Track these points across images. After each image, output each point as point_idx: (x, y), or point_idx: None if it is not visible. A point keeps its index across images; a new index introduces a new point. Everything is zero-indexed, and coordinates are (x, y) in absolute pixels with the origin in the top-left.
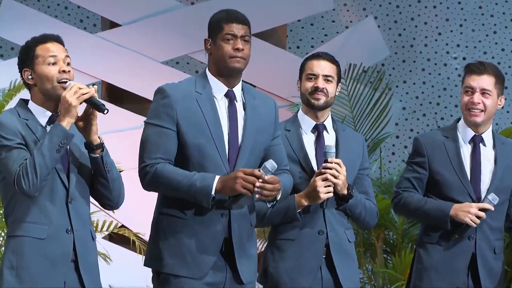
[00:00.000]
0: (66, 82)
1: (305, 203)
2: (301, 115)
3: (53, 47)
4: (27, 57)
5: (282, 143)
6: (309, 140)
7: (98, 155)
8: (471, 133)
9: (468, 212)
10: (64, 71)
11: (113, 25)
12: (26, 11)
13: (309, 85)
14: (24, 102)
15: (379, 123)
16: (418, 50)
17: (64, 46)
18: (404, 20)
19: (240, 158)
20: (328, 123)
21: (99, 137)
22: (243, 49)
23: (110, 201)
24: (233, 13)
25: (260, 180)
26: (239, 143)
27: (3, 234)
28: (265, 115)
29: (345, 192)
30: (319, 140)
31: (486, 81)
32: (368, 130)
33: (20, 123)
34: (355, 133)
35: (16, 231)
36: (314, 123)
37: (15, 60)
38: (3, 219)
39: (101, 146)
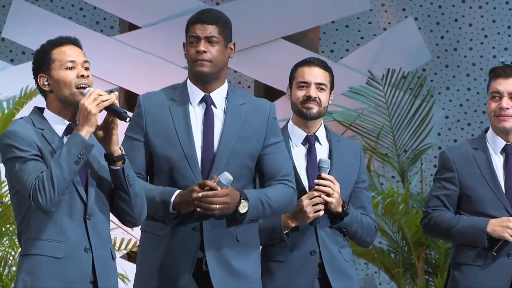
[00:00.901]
0: (85, 88)
1: (292, 224)
2: (291, 126)
3: (70, 51)
4: (42, 61)
5: (284, 151)
6: (299, 153)
7: (119, 168)
8: (502, 142)
9: (507, 227)
10: (82, 76)
11: (132, 27)
12: (38, 12)
13: (300, 93)
14: (39, 110)
15: (420, 133)
16: (462, 54)
17: (82, 50)
18: (447, 21)
19: (214, 168)
20: (321, 133)
21: (120, 148)
22: (206, 51)
23: (132, 217)
24: (200, 13)
25: (200, 194)
26: (214, 152)
27: (13, 253)
28: (254, 121)
29: (340, 210)
30: (310, 153)
31: None
32: (408, 140)
33: (35, 133)
34: (351, 143)
35: (30, 249)
36: (305, 134)
37: (26, 65)
38: (14, 237)
39: (122, 157)
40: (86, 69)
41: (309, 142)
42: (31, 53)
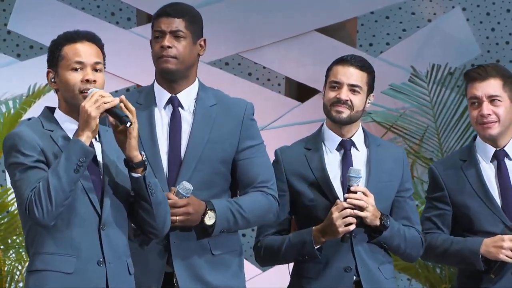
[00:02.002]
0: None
1: (323, 238)
2: (325, 130)
3: (82, 49)
4: (53, 56)
5: (264, 155)
6: (333, 160)
7: (139, 175)
8: (491, 149)
9: (500, 247)
10: (87, 81)
11: (150, 19)
12: (47, 2)
13: (331, 95)
14: (49, 110)
15: (469, 136)
16: None
17: (100, 47)
18: (498, 12)
19: (182, 175)
20: (358, 138)
21: (141, 154)
22: (171, 47)
23: (154, 228)
24: (166, 5)
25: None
26: (181, 157)
27: (20, 267)
28: (226, 123)
29: (377, 223)
30: (345, 160)
31: (492, 86)
32: (455, 143)
33: (42, 135)
34: (393, 147)
35: (37, 264)
36: (340, 139)
37: (34, 61)
38: (21, 250)
39: (143, 164)
40: (97, 70)
41: (344, 147)
42: (40, 47)
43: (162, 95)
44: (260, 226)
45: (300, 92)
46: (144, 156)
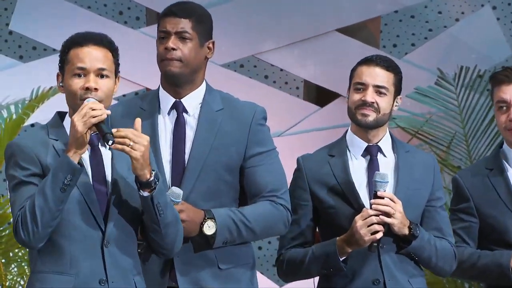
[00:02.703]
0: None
1: (348, 249)
2: (350, 136)
3: (87, 54)
4: (61, 58)
5: (274, 162)
6: (359, 167)
7: (147, 195)
8: None
9: None
10: (88, 88)
11: None
12: (51, 0)
13: (356, 97)
14: (59, 116)
15: (499, 142)
16: None
17: (112, 51)
18: None
19: (185, 183)
20: (385, 143)
21: (152, 172)
22: (175, 49)
23: (163, 248)
24: (174, 4)
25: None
26: (184, 165)
27: (22, 282)
28: (232, 129)
29: (406, 232)
30: (372, 166)
31: None
32: (485, 150)
33: (45, 144)
34: (423, 154)
35: (34, 283)
36: (366, 144)
37: (37, 63)
38: (23, 264)
39: (149, 185)
40: (102, 77)
41: (371, 153)
42: (43, 48)
43: (166, 100)
44: (282, 238)
45: (319, 96)
46: (154, 174)
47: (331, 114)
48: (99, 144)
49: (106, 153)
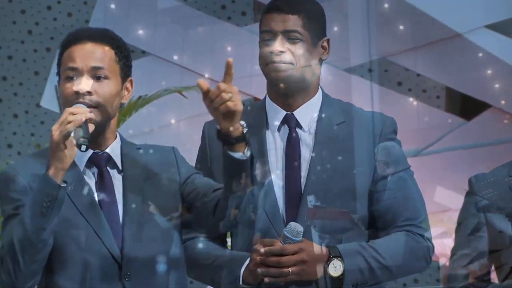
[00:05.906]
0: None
1: None
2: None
3: (79, 52)
4: (57, 61)
5: (409, 185)
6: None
7: (241, 156)
8: None
9: None
10: (77, 93)
11: None
12: None
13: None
14: None
15: None
16: None
17: (114, 48)
18: None
19: (300, 214)
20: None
21: (241, 125)
22: (284, 51)
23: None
24: None
25: (262, 250)
26: (301, 192)
27: None
28: (357, 146)
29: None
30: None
31: None
32: None
33: (44, 168)
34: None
35: None
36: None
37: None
38: None
39: (244, 137)
40: (99, 78)
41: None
42: (131, 50)
43: (275, 113)
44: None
45: (464, 106)
46: (245, 126)
47: (480, 128)
48: (107, 166)
49: (116, 177)
